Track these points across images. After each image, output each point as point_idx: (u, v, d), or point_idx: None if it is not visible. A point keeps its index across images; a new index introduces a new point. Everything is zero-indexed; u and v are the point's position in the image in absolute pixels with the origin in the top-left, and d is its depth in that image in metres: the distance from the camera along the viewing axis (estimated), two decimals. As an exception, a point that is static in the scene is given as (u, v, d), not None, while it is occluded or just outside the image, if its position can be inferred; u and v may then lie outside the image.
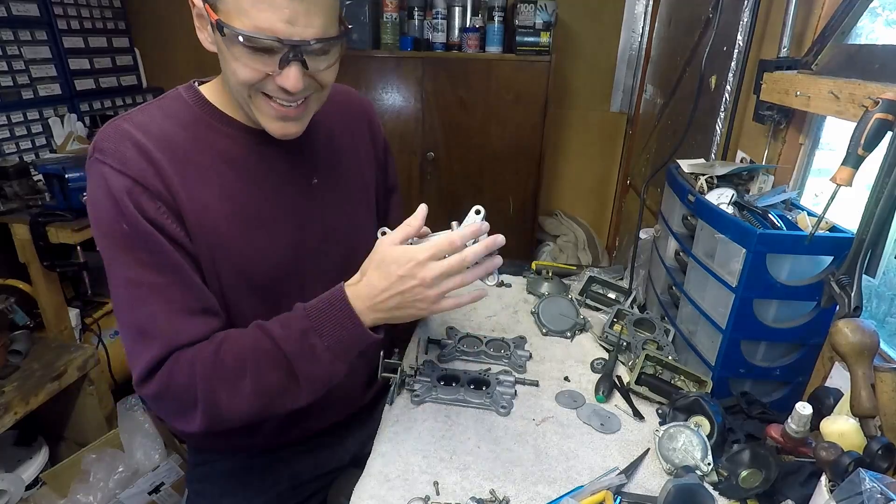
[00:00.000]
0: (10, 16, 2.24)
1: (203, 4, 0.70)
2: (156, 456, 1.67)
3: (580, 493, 0.78)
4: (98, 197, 0.73)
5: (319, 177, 0.91)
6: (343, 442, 1.07)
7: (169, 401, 0.76)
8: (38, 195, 1.94)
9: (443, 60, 2.34)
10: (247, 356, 0.74)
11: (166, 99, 0.83)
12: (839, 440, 0.72)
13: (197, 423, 0.75)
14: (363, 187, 1.01)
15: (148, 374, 0.74)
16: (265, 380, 0.74)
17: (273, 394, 0.75)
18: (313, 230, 0.90)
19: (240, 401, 0.74)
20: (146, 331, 0.74)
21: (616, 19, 2.66)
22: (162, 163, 0.75)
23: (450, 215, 0.83)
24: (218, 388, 0.73)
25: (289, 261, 0.87)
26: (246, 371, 0.73)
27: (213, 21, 0.67)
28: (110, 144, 0.74)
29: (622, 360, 1.12)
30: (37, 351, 1.68)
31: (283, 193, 0.86)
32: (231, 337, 0.76)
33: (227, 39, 0.68)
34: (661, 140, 2.07)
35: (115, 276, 0.75)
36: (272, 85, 0.72)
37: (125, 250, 0.73)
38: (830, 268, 0.85)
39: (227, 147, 0.81)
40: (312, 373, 0.74)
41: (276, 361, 0.73)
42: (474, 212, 0.77)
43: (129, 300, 0.74)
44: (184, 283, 0.76)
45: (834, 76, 0.97)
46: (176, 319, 0.74)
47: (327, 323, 0.73)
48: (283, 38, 0.67)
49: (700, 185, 1.09)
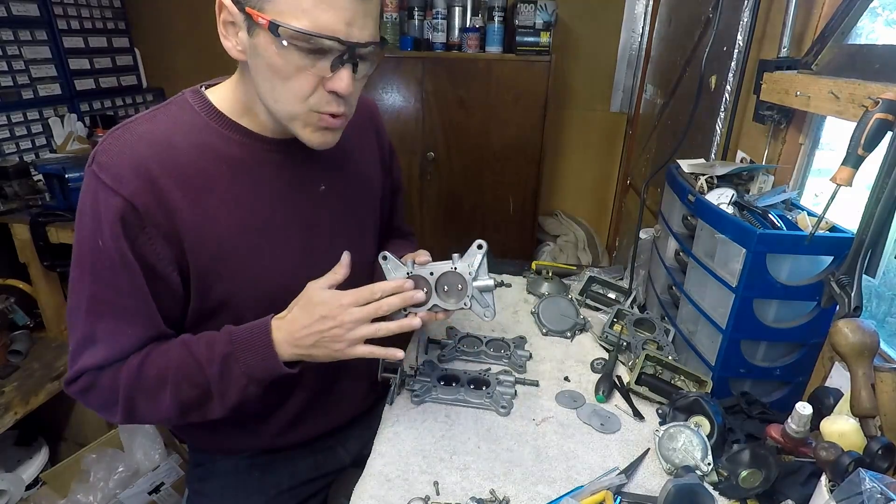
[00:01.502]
0: (10, 16, 2.24)
1: (238, 10, 0.68)
2: (156, 456, 1.67)
3: (580, 493, 0.78)
4: (85, 207, 0.74)
5: (326, 183, 0.90)
6: (344, 444, 1.07)
7: (92, 398, 0.80)
8: (38, 195, 1.94)
9: (443, 60, 2.34)
10: (168, 373, 0.77)
11: (172, 105, 0.82)
12: (839, 440, 0.72)
13: (118, 419, 0.81)
14: (369, 190, 1.01)
15: (78, 375, 0.78)
16: (183, 395, 0.78)
17: (188, 407, 0.79)
18: (321, 237, 0.90)
19: (156, 410, 0.79)
20: (95, 340, 0.77)
21: (616, 19, 2.66)
22: (160, 180, 0.74)
23: (450, 215, 0.84)
24: (137, 397, 0.78)
25: (297, 268, 0.87)
26: (166, 386, 0.77)
27: (265, 23, 0.65)
28: (107, 159, 0.73)
29: (622, 360, 1.13)
30: (37, 351, 1.69)
31: (291, 201, 0.86)
32: (156, 351, 0.79)
33: (274, 43, 0.67)
34: (661, 140, 2.07)
35: (80, 283, 0.76)
36: (322, 95, 0.72)
37: (92, 265, 0.74)
38: (830, 268, 0.85)
39: (235, 154, 0.81)
40: (226, 392, 0.78)
41: (195, 381, 0.78)
42: (476, 246, 0.81)
43: (87, 310, 0.76)
44: (142, 310, 0.77)
45: (834, 76, 0.97)
46: (125, 341, 0.78)
47: (247, 350, 0.77)
48: (342, 38, 0.67)
49: (700, 185, 1.09)
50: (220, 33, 0.73)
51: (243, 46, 0.72)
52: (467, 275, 0.80)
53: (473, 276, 0.80)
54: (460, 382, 1.01)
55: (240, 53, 0.73)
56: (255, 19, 0.66)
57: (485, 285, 0.81)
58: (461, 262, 0.80)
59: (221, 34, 0.73)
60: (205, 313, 0.83)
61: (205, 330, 0.82)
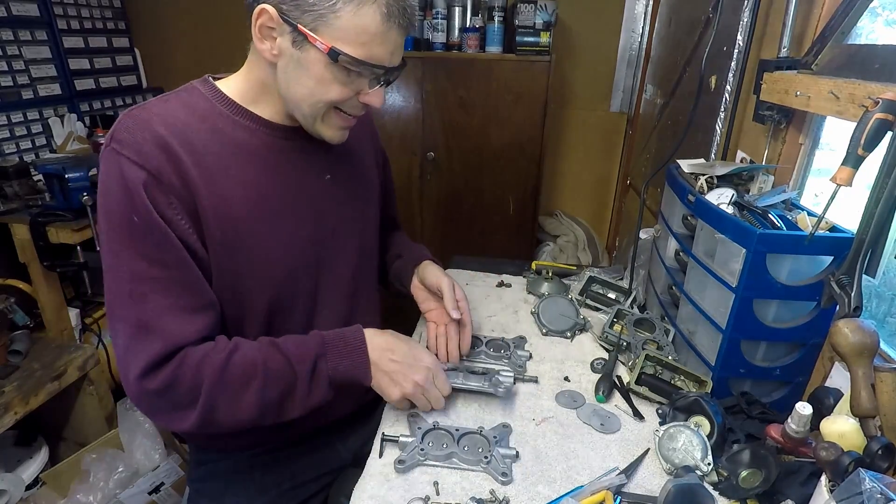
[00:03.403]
0: (10, 16, 2.24)
1: (289, 24, 0.72)
2: (156, 456, 1.67)
3: (580, 493, 0.78)
4: (111, 187, 0.73)
5: (332, 173, 0.94)
6: (344, 441, 1.07)
7: (169, 398, 0.76)
8: (38, 195, 1.94)
9: (443, 60, 2.34)
10: (256, 368, 0.78)
11: (183, 93, 0.83)
12: (839, 440, 0.72)
13: (190, 422, 0.76)
14: (369, 182, 1.06)
15: (151, 368, 0.74)
16: (269, 393, 0.78)
17: (269, 407, 0.79)
18: (329, 223, 0.94)
19: (237, 410, 0.78)
20: (148, 326, 0.74)
21: (616, 19, 2.66)
22: (181, 155, 0.75)
23: (450, 215, 0.88)
24: (221, 393, 0.76)
25: (305, 253, 0.90)
26: (252, 383, 0.77)
27: (325, 48, 0.72)
28: (128, 136, 0.74)
29: (622, 360, 1.13)
30: (37, 351, 1.68)
31: (301, 186, 0.89)
32: (242, 347, 0.80)
33: (326, 61, 0.73)
34: (661, 140, 2.07)
35: (118, 269, 0.74)
36: (354, 101, 0.80)
37: (133, 243, 0.73)
38: (830, 268, 0.85)
39: (247, 139, 0.83)
40: (312, 392, 0.81)
41: (285, 379, 0.79)
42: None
43: (130, 294, 0.74)
44: (188, 280, 0.76)
45: (834, 76, 0.97)
46: (179, 316, 0.75)
47: (340, 353, 0.84)
48: (387, 66, 0.77)
49: (700, 185, 1.09)
50: (255, 35, 0.75)
51: (279, 51, 0.75)
52: (492, 438, 0.87)
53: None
54: (458, 370, 0.99)
55: (274, 57, 0.76)
56: (310, 40, 0.72)
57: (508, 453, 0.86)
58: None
59: (256, 36, 0.75)
60: (217, 295, 0.83)
61: None
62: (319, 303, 0.95)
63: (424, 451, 0.85)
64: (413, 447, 0.85)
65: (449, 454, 0.85)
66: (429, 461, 0.84)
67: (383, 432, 0.89)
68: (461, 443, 0.87)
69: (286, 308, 0.90)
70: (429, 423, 0.90)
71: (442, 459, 0.84)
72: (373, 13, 0.71)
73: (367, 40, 0.72)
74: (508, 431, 0.91)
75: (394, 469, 0.83)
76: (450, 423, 0.92)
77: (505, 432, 0.90)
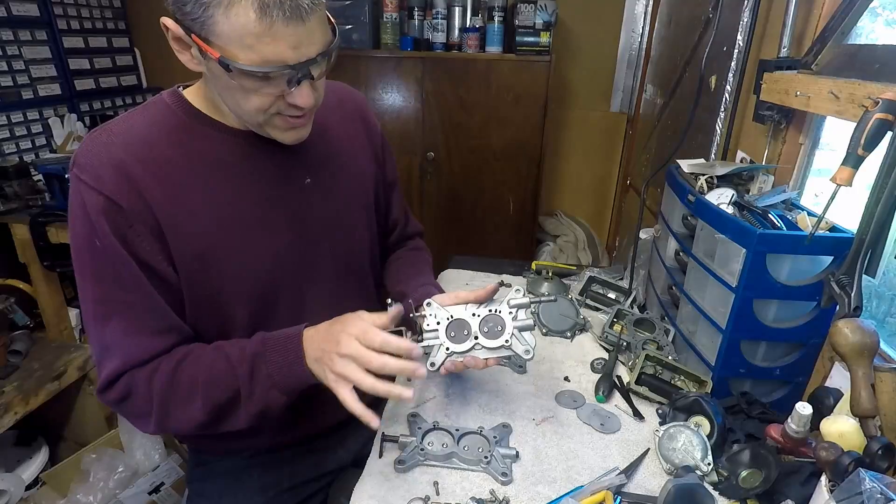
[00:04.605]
0: (10, 16, 2.24)
1: (188, 35, 0.67)
2: (156, 456, 1.67)
3: (580, 493, 0.78)
4: (75, 212, 0.74)
5: (312, 176, 0.90)
6: (344, 442, 1.07)
7: (128, 408, 0.81)
8: (38, 195, 1.95)
9: (443, 60, 2.34)
10: (201, 376, 0.78)
11: (149, 106, 0.82)
12: (839, 440, 0.72)
13: (150, 427, 0.81)
14: (359, 184, 1.00)
15: (110, 383, 0.78)
16: (214, 398, 0.78)
17: (218, 412, 0.79)
18: (308, 230, 0.90)
19: (189, 415, 0.79)
20: (108, 346, 0.77)
21: (616, 19, 2.66)
22: (140, 176, 0.74)
23: (450, 215, 0.85)
24: (171, 400, 0.78)
25: (284, 263, 0.87)
26: (198, 389, 0.77)
27: (216, 58, 0.65)
28: (86, 160, 0.74)
29: (622, 360, 1.13)
30: (37, 351, 1.68)
31: (274, 195, 0.85)
32: (192, 353, 0.80)
33: (227, 73, 0.67)
34: (661, 140, 2.07)
35: (85, 291, 0.77)
36: (282, 104, 0.73)
37: (95, 266, 0.75)
38: (830, 268, 0.85)
39: (214, 151, 0.81)
40: (252, 395, 0.78)
41: (226, 382, 0.78)
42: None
43: (95, 315, 0.77)
44: (149, 304, 0.77)
45: (834, 76, 0.97)
46: (136, 338, 0.78)
47: (277, 351, 0.78)
48: (292, 63, 0.67)
49: (700, 185, 1.09)
50: (174, 48, 0.72)
51: (199, 60, 0.71)
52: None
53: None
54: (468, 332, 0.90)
55: (198, 66, 0.73)
56: (203, 50, 0.66)
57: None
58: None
59: (175, 49, 0.72)
60: (196, 309, 0.83)
61: (201, 327, 0.83)
62: (306, 311, 0.91)
63: (424, 451, 0.85)
64: (413, 447, 0.85)
65: (449, 454, 0.85)
66: (429, 461, 0.84)
67: (383, 432, 0.89)
68: (461, 443, 0.87)
69: (270, 318, 0.88)
70: (429, 423, 0.90)
71: (442, 459, 0.84)
72: (245, 12, 0.63)
73: (252, 42, 0.64)
74: (508, 431, 0.91)
75: (394, 469, 0.83)
76: (450, 423, 0.92)
77: (505, 432, 0.90)
